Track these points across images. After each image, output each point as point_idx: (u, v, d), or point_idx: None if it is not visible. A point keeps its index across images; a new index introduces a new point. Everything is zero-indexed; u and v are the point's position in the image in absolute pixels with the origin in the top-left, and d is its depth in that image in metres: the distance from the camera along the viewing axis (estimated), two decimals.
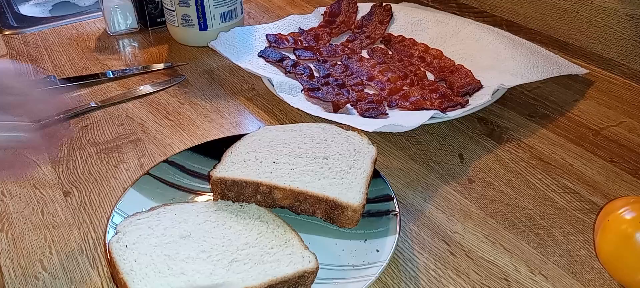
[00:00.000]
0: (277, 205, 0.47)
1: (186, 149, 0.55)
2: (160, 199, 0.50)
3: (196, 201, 0.51)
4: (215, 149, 0.54)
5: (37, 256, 0.48)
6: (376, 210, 0.48)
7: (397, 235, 0.44)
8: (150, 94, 0.72)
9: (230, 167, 0.49)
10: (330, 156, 0.50)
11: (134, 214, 0.46)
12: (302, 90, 0.68)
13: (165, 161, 0.53)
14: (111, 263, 0.42)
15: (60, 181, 0.57)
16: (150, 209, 0.47)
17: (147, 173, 0.52)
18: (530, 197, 0.53)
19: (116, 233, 0.44)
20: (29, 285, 0.45)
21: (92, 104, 0.69)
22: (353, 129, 0.55)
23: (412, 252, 0.47)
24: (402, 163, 0.58)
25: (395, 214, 0.47)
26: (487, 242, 0.48)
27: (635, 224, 0.40)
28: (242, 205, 0.48)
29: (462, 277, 0.45)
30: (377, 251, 0.44)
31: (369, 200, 0.47)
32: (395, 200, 0.48)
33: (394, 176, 0.56)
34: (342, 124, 0.56)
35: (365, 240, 0.46)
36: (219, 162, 0.50)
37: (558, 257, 0.46)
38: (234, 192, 0.48)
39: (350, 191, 0.46)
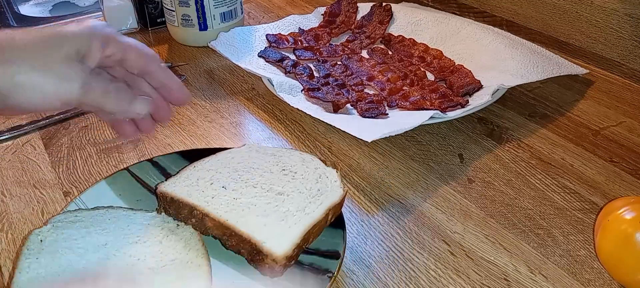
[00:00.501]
0: (209, 233, 0.44)
1: (175, 152, 0.54)
2: (127, 198, 0.49)
3: (140, 210, 0.48)
4: (205, 157, 0.52)
5: None
6: (318, 265, 0.42)
7: None
8: None
9: (181, 182, 0.47)
10: (286, 193, 0.46)
11: (75, 210, 0.46)
12: (302, 90, 0.68)
13: (149, 160, 0.52)
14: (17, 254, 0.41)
15: (60, 181, 0.57)
16: (93, 209, 0.46)
17: (126, 169, 0.51)
18: (530, 197, 0.53)
19: (44, 225, 0.43)
20: None
21: None
22: (335, 166, 0.49)
23: (412, 252, 0.47)
24: (402, 164, 0.58)
25: (331, 277, 0.40)
26: (487, 242, 0.48)
27: (635, 224, 0.41)
28: (178, 226, 0.45)
29: (462, 277, 0.45)
30: None
31: (318, 252, 0.43)
32: (340, 259, 0.42)
33: (394, 176, 0.56)
34: (324, 159, 0.51)
35: None
36: (175, 174, 0.49)
37: (558, 257, 0.46)
38: (173, 210, 0.46)
39: (280, 238, 0.41)
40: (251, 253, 0.42)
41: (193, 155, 0.53)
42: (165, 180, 0.48)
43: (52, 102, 0.41)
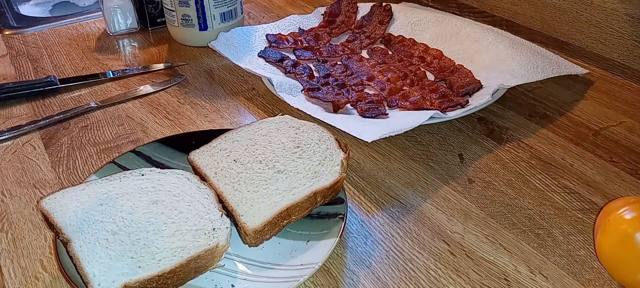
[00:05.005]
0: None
1: (155, 141, 0.56)
2: None
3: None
4: (185, 142, 0.55)
5: (37, 256, 0.48)
6: (325, 212, 0.48)
7: (338, 238, 0.44)
8: (150, 94, 0.72)
9: (207, 152, 0.52)
10: (286, 171, 0.48)
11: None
12: (302, 90, 0.68)
13: (133, 151, 0.54)
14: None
15: (60, 181, 0.57)
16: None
17: (113, 161, 0.52)
18: (530, 197, 0.53)
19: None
20: (29, 285, 0.45)
21: (92, 104, 0.69)
22: (345, 149, 0.50)
23: (412, 252, 0.47)
24: (402, 164, 0.58)
25: (342, 217, 0.46)
26: (487, 242, 0.48)
27: (635, 224, 0.41)
28: (199, 188, 0.48)
29: (462, 277, 0.45)
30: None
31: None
32: (345, 204, 0.47)
33: (394, 176, 0.56)
34: (340, 140, 0.52)
35: (308, 241, 0.46)
36: (205, 144, 0.52)
37: (558, 257, 0.46)
38: (197, 176, 0.50)
39: (256, 214, 0.45)
40: (236, 224, 0.45)
41: (173, 141, 0.56)
42: (151, 166, 0.52)
43: None
